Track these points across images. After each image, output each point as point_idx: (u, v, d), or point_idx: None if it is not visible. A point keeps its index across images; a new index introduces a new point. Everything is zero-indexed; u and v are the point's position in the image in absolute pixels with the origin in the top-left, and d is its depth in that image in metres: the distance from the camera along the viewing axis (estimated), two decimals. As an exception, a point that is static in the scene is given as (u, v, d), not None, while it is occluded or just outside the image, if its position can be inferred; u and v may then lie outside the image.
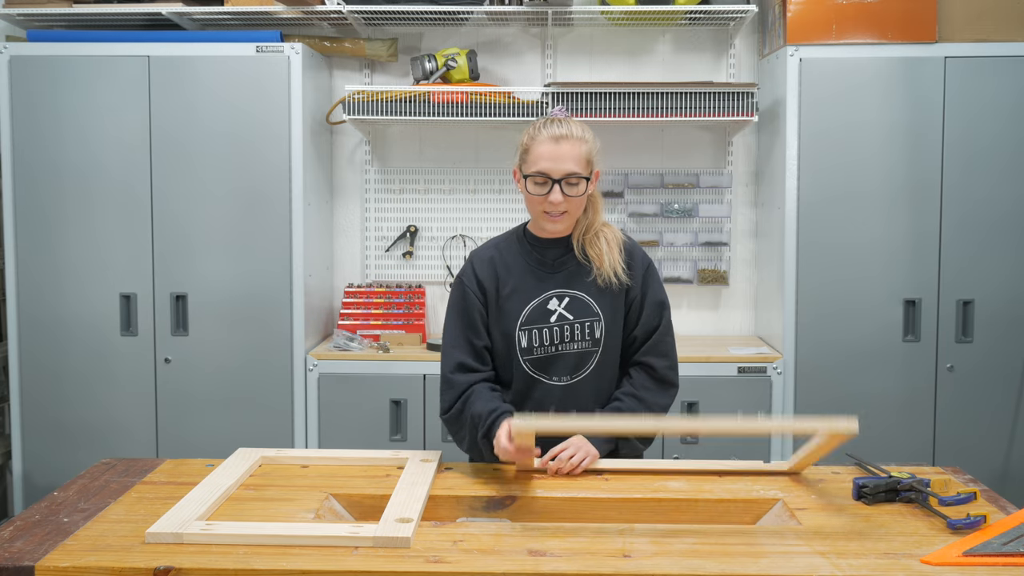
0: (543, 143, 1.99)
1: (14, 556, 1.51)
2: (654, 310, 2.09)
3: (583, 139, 2.01)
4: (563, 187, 1.98)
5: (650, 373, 2.08)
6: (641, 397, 2.06)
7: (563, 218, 2.02)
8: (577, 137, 2.00)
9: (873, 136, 3.36)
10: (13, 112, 3.40)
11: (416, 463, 1.98)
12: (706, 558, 1.51)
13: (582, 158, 1.99)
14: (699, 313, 3.90)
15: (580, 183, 1.99)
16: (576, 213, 2.04)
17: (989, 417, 3.39)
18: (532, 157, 2.00)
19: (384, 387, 3.41)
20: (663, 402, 2.09)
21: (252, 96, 3.39)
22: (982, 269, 3.37)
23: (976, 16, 3.35)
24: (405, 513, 1.67)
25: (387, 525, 1.60)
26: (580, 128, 2.02)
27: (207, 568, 1.47)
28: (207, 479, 1.86)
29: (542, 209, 2.01)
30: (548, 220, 2.03)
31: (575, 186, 1.99)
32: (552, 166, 1.97)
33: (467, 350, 2.07)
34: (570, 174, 1.97)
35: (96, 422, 3.46)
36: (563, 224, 2.04)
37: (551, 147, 1.97)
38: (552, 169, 1.97)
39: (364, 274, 3.94)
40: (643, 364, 2.09)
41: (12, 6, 3.52)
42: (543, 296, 2.06)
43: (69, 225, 3.43)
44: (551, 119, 2.03)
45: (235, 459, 2.01)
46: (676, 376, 2.12)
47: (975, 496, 1.76)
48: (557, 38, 3.85)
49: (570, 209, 2.01)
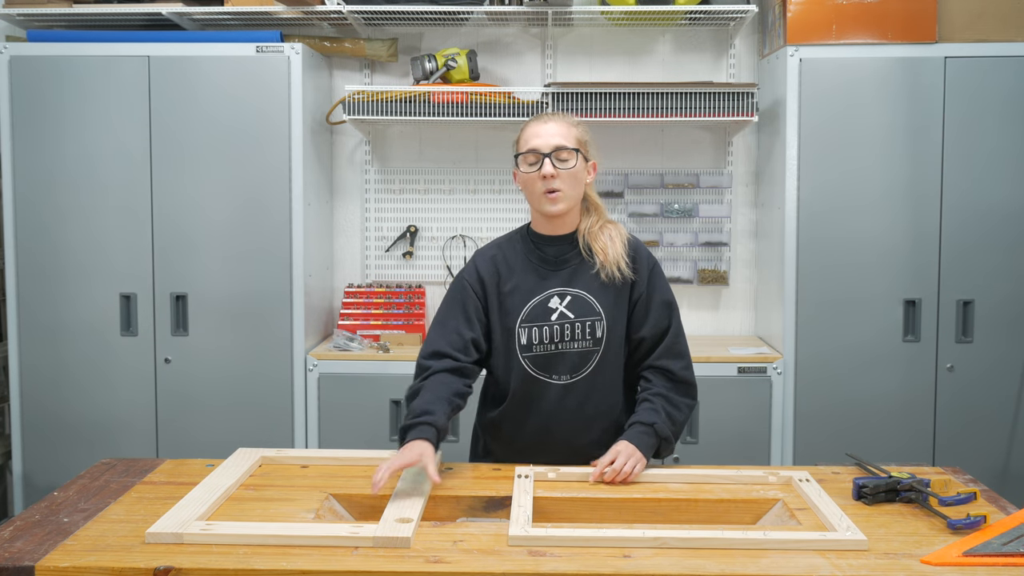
0: (533, 125, 2.07)
1: (14, 556, 1.51)
2: (663, 311, 2.08)
3: (571, 122, 2.08)
4: (554, 161, 2.01)
5: (668, 376, 2.07)
6: (668, 397, 2.04)
7: (559, 196, 2.02)
8: (565, 120, 2.07)
9: (873, 136, 3.36)
10: (13, 112, 3.40)
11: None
12: (706, 558, 1.51)
13: (571, 135, 2.05)
14: (699, 313, 3.90)
15: (571, 157, 2.02)
16: (572, 194, 2.04)
17: (989, 417, 3.39)
18: (522, 140, 2.07)
19: (384, 387, 3.40)
20: (688, 401, 2.08)
21: (252, 96, 3.39)
22: (982, 269, 3.37)
23: (976, 16, 3.35)
24: (405, 513, 1.67)
25: (387, 525, 1.60)
26: (570, 116, 2.10)
27: (207, 568, 1.47)
28: (207, 479, 1.86)
29: (538, 191, 2.03)
30: (546, 201, 2.03)
31: (565, 161, 2.02)
32: (541, 142, 2.03)
33: (448, 339, 2.07)
34: (559, 147, 2.02)
35: (96, 422, 3.46)
36: (562, 203, 2.02)
37: (539, 126, 2.06)
38: (541, 145, 2.02)
39: (364, 274, 3.94)
40: (659, 368, 2.07)
41: (12, 6, 3.52)
42: (544, 294, 2.06)
43: (69, 225, 3.43)
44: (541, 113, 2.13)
45: (235, 459, 2.01)
46: (693, 375, 2.10)
47: (975, 496, 1.76)
48: (557, 38, 3.85)
49: (564, 188, 2.02)
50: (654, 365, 2.08)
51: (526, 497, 1.76)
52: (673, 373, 2.07)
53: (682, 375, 2.08)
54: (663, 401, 2.04)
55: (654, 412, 2.01)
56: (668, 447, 2.03)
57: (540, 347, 2.04)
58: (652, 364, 2.08)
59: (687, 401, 2.08)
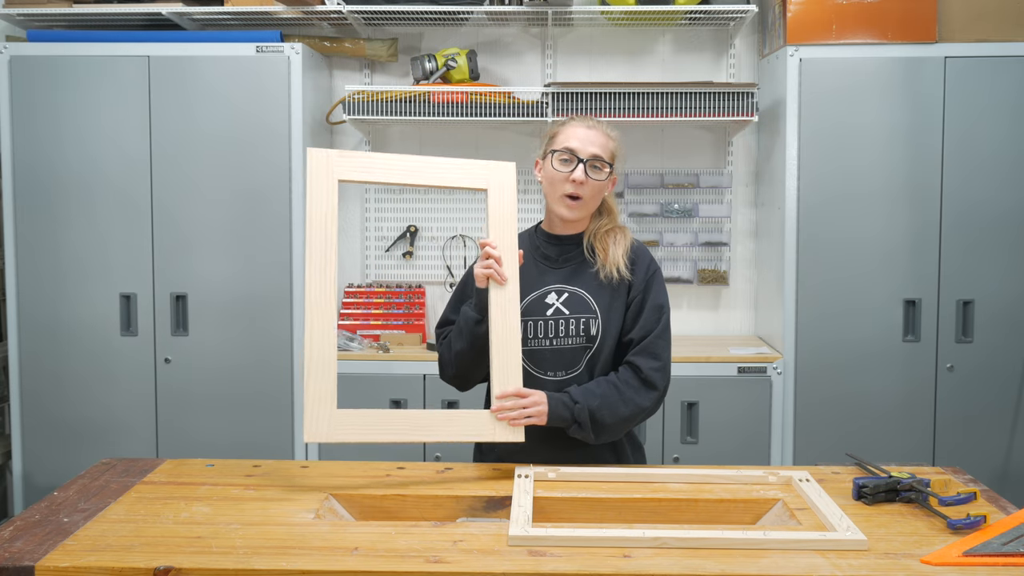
0: (575, 126, 2.09)
1: (14, 556, 1.51)
2: (653, 313, 2.08)
3: (612, 136, 2.12)
4: (587, 169, 2.03)
5: (635, 372, 2.04)
6: (620, 388, 2.01)
7: (580, 204, 2.05)
8: (607, 132, 2.12)
9: (873, 136, 3.36)
10: (13, 112, 3.40)
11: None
12: (706, 558, 1.51)
13: (608, 149, 2.08)
14: (699, 313, 3.90)
15: (603, 169, 2.05)
16: (591, 204, 2.08)
17: (989, 417, 3.39)
18: (562, 137, 2.09)
19: (384, 387, 3.40)
20: (641, 402, 2.02)
21: (252, 96, 3.39)
22: (982, 269, 3.37)
23: (976, 16, 3.35)
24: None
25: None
26: (612, 129, 2.14)
27: (207, 568, 1.47)
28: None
29: (562, 191, 2.05)
30: (565, 204, 2.06)
31: (599, 170, 2.05)
32: (581, 146, 2.05)
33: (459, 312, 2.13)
34: (596, 156, 2.05)
35: (96, 422, 3.46)
36: (579, 211, 2.07)
37: (583, 130, 2.07)
38: (580, 148, 2.05)
39: (364, 274, 3.94)
40: (630, 363, 2.05)
41: (12, 6, 3.53)
42: (542, 289, 2.08)
43: (69, 225, 3.43)
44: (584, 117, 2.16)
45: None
46: (662, 379, 2.04)
47: (975, 496, 1.76)
48: (557, 38, 3.85)
49: (587, 196, 2.05)
50: (627, 360, 2.06)
51: (526, 497, 1.76)
52: (640, 371, 2.03)
53: (648, 375, 2.02)
54: (610, 389, 2.00)
55: (590, 395, 1.99)
56: (581, 432, 1.99)
57: (534, 341, 2.05)
58: (626, 359, 2.06)
59: (640, 402, 2.01)
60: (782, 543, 1.55)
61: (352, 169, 2.01)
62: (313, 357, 1.91)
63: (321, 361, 1.91)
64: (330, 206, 1.96)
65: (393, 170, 2.03)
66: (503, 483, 1.90)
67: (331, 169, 1.99)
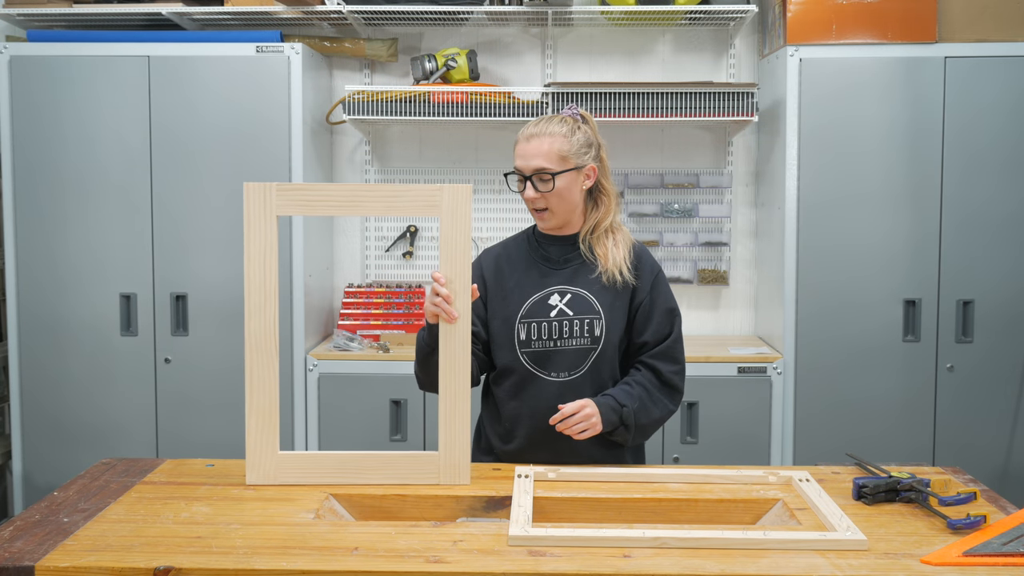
0: (519, 142, 2.07)
1: (14, 556, 1.51)
2: (665, 318, 2.09)
3: (557, 134, 2.02)
4: (535, 183, 2.03)
5: (656, 375, 2.07)
6: (649, 390, 2.05)
7: (546, 215, 2.07)
8: (549, 133, 2.02)
9: (873, 136, 3.36)
10: (13, 112, 3.40)
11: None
12: (706, 558, 1.51)
13: (553, 154, 2.01)
14: (699, 313, 3.90)
15: (550, 180, 2.02)
16: (561, 210, 2.06)
17: (989, 417, 3.39)
18: (514, 155, 2.08)
19: (384, 387, 3.41)
20: (668, 404, 2.07)
21: (252, 96, 3.39)
22: (982, 269, 3.37)
23: (976, 16, 3.35)
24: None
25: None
26: (560, 124, 2.04)
27: (207, 568, 1.47)
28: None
29: (529, 206, 2.08)
30: (537, 217, 2.10)
31: (546, 182, 2.02)
32: (522, 163, 2.04)
33: None
34: (539, 170, 2.02)
35: (96, 422, 3.46)
36: (550, 221, 2.08)
37: (523, 145, 2.05)
38: (523, 166, 2.04)
39: (364, 274, 3.94)
40: (649, 366, 2.08)
41: (12, 6, 3.52)
42: (545, 291, 2.08)
43: (69, 225, 3.43)
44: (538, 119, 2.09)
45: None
46: (682, 382, 2.10)
47: (975, 496, 1.76)
48: (557, 38, 3.85)
49: (551, 206, 2.05)
50: (646, 362, 2.09)
51: (526, 497, 1.76)
52: (661, 374, 2.07)
53: (669, 378, 2.07)
54: (642, 391, 2.04)
55: (630, 397, 2.02)
56: (624, 436, 2.03)
57: (538, 343, 2.05)
58: (644, 360, 2.09)
59: (667, 403, 2.07)
60: (782, 543, 1.55)
61: (291, 204, 1.91)
62: (253, 406, 1.90)
63: (262, 410, 1.90)
64: (269, 242, 1.90)
65: (332, 202, 1.91)
66: (503, 483, 1.90)
67: (269, 204, 1.91)
